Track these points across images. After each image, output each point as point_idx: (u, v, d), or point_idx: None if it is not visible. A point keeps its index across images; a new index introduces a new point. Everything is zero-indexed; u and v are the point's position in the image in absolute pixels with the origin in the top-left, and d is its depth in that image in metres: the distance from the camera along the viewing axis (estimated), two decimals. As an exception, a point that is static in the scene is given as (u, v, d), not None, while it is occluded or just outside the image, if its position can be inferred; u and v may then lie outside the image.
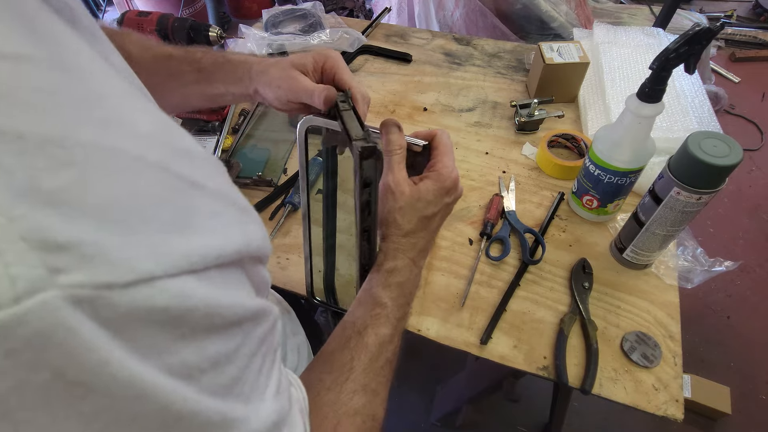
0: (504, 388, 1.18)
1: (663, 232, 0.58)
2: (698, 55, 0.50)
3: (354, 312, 0.41)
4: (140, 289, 0.15)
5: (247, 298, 0.21)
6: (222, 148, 0.84)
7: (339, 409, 0.34)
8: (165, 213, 0.17)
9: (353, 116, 0.40)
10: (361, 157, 0.35)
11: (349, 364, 0.37)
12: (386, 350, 0.39)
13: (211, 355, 0.18)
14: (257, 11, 2.31)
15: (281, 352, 0.48)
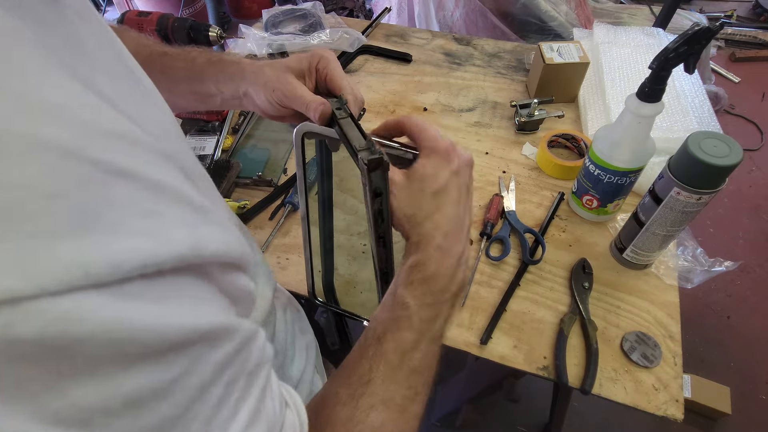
0: (504, 388, 1.18)
1: (663, 232, 0.58)
2: (698, 54, 0.50)
3: (377, 316, 0.37)
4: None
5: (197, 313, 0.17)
6: (222, 148, 0.84)
7: (354, 427, 0.31)
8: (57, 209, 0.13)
9: (352, 124, 0.39)
10: (369, 169, 0.34)
11: (366, 376, 0.33)
12: (410, 358, 0.34)
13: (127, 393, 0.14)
14: (257, 11, 2.32)
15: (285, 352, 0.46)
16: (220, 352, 0.18)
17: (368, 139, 0.36)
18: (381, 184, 0.36)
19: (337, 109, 0.41)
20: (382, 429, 0.31)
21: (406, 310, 0.35)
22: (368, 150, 0.35)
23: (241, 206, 0.73)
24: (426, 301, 0.35)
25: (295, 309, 0.55)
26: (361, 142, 0.36)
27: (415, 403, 0.34)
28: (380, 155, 0.34)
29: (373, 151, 0.35)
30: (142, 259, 0.15)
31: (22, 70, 0.14)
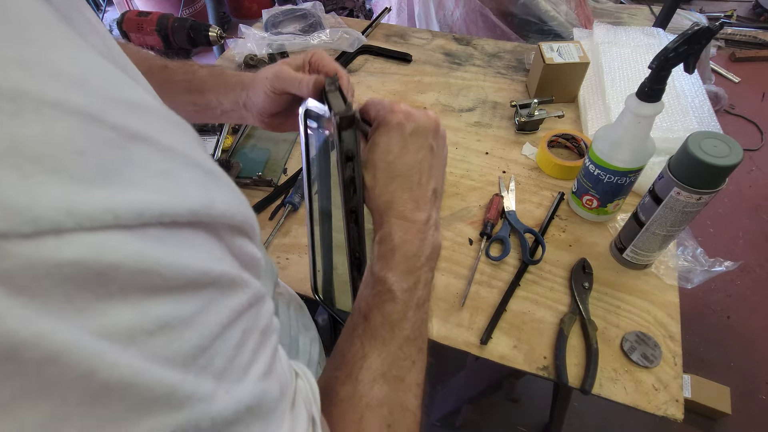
0: (504, 388, 1.18)
1: (663, 232, 0.58)
2: (697, 54, 0.50)
3: (359, 296, 0.37)
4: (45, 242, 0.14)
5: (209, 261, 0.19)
6: (222, 148, 0.84)
7: (358, 402, 0.31)
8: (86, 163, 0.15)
9: (338, 95, 0.39)
10: (340, 127, 0.34)
11: (360, 353, 0.33)
12: (400, 328, 0.34)
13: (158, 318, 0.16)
14: (257, 11, 2.31)
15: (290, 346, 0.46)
16: (233, 300, 0.20)
17: (348, 104, 0.36)
18: (352, 146, 0.35)
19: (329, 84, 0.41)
20: (387, 401, 0.32)
21: (384, 283, 0.35)
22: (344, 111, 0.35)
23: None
24: (401, 269, 0.35)
25: (298, 306, 0.55)
26: (340, 107, 0.36)
27: (413, 371, 0.34)
28: (353, 113, 0.34)
29: (348, 110, 0.34)
30: (160, 209, 0.17)
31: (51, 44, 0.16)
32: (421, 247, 0.36)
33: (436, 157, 0.39)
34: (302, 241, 0.71)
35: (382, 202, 0.37)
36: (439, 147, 0.39)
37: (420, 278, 0.36)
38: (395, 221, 0.36)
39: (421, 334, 0.36)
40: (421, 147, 0.38)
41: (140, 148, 0.17)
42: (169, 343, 0.17)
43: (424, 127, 0.38)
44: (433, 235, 0.37)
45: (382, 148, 0.37)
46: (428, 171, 0.38)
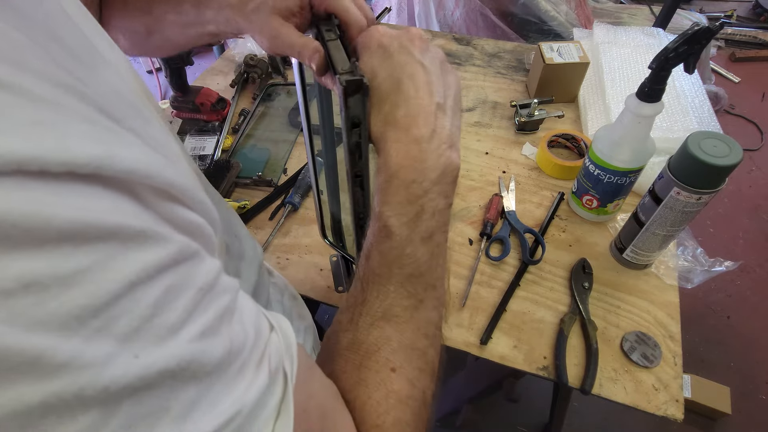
0: (504, 388, 1.18)
1: (663, 232, 0.58)
2: (698, 54, 0.50)
3: (367, 235, 0.34)
4: None
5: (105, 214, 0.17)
6: (222, 148, 0.84)
7: (358, 349, 0.30)
8: None
9: (340, 47, 0.35)
10: (346, 93, 0.31)
11: (360, 296, 0.31)
12: (400, 265, 0.31)
13: (18, 276, 0.15)
14: (257, 11, 2.31)
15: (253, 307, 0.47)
16: (146, 255, 0.18)
17: (352, 62, 0.33)
18: (359, 113, 0.32)
19: (327, 30, 0.37)
20: (388, 343, 0.30)
21: (381, 219, 0.32)
22: (350, 73, 0.32)
23: (241, 206, 0.73)
24: (399, 201, 0.31)
25: (291, 296, 0.55)
26: (344, 64, 0.33)
27: (421, 309, 0.32)
28: (361, 77, 0.31)
29: (355, 74, 0.31)
30: (18, 158, 0.15)
31: None
32: (423, 171, 0.32)
33: (432, 74, 0.34)
34: (302, 242, 0.71)
35: (378, 128, 0.33)
36: (432, 63, 0.35)
37: (424, 207, 0.32)
38: (391, 144, 0.32)
39: (430, 270, 0.32)
40: (408, 63, 0.33)
41: (4, 96, 0.16)
42: (37, 304, 0.15)
43: (408, 42, 0.34)
44: (442, 154, 0.32)
45: (368, 72, 0.33)
46: (425, 86, 0.33)
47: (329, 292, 0.65)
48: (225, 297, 0.23)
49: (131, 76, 0.29)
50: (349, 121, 0.32)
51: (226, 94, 0.95)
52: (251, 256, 0.44)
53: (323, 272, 0.67)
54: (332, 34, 0.36)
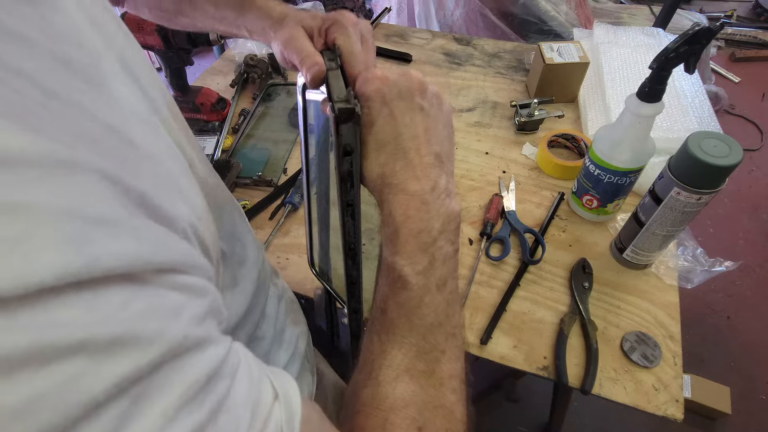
0: (504, 388, 1.18)
1: (663, 232, 0.58)
2: (698, 54, 0.50)
3: (377, 289, 0.34)
4: None
5: (75, 326, 0.16)
6: (222, 148, 0.84)
7: (380, 405, 0.28)
8: None
9: (339, 76, 0.35)
10: (338, 120, 0.31)
11: (378, 350, 0.30)
12: (420, 316, 0.30)
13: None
14: (257, 11, 2.31)
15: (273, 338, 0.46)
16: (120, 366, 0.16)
17: (349, 91, 0.33)
18: (351, 140, 0.32)
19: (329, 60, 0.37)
20: (413, 399, 0.28)
21: (395, 269, 0.31)
22: (345, 102, 0.32)
23: (241, 206, 0.73)
24: (410, 251, 0.31)
25: (290, 300, 0.55)
26: (341, 93, 0.33)
27: (443, 362, 0.30)
28: (353, 106, 0.31)
29: (349, 102, 0.31)
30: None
31: None
32: (429, 221, 0.32)
33: (431, 118, 0.34)
34: (302, 242, 0.71)
35: (376, 177, 0.33)
36: (432, 106, 0.35)
37: (435, 255, 0.32)
38: (392, 197, 0.32)
39: (448, 318, 0.32)
40: (408, 109, 0.33)
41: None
42: None
43: (407, 88, 0.34)
44: (443, 205, 0.33)
45: (365, 120, 0.33)
46: (423, 134, 0.33)
47: (329, 292, 0.65)
48: (224, 384, 0.21)
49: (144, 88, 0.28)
50: (341, 148, 0.32)
51: (226, 94, 0.95)
52: (252, 261, 0.43)
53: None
54: (333, 63, 0.37)
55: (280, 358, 0.47)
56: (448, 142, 0.36)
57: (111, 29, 0.28)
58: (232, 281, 0.39)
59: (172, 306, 0.19)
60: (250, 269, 0.42)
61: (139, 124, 0.25)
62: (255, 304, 0.42)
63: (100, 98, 0.22)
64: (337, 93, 0.33)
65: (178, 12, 0.49)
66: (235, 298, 0.38)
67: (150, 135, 0.25)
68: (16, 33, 0.19)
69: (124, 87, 0.25)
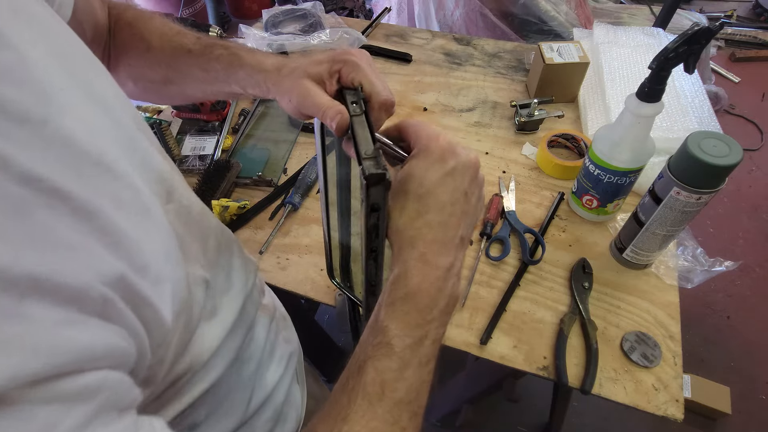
0: (504, 388, 1.18)
1: (663, 232, 0.58)
2: (697, 54, 0.50)
3: (361, 341, 0.33)
4: None
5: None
6: (222, 148, 0.84)
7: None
8: None
9: (364, 124, 0.35)
10: (368, 184, 0.31)
11: (344, 411, 0.29)
12: (393, 389, 0.30)
13: None
14: (257, 11, 2.31)
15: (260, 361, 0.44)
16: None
17: (376, 146, 0.33)
18: (380, 200, 0.33)
19: (352, 103, 0.37)
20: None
21: (385, 334, 0.31)
22: (374, 160, 0.32)
23: (241, 206, 0.73)
24: (408, 321, 0.32)
25: (282, 317, 0.54)
26: (368, 148, 0.33)
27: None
28: (384, 171, 0.31)
29: (378, 164, 0.32)
30: None
31: None
32: (437, 298, 0.32)
33: (470, 205, 0.35)
34: (302, 242, 0.71)
35: (406, 237, 0.33)
36: (473, 194, 0.36)
37: (428, 333, 0.32)
38: (414, 263, 0.32)
39: (417, 397, 0.32)
40: (457, 188, 0.34)
41: None
42: None
43: (465, 166, 0.34)
44: (452, 286, 0.34)
45: (418, 178, 0.33)
46: (459, 215, 0.34)
47: (329, 292, 0.65)
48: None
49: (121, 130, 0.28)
50: (369, 207, 0.33)
51: (226, 94, 0.95)
52: (238, 289, 0.42)
53: (323, 272, 0.67)
54: (357, 107, 0.37)
55: (268, 379, 0.46)
56: (472, 230, 0.37)
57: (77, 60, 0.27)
58: (211, 311, 0.37)
59: (44, 425, 0.18)
60: (233, 298, 0.41)
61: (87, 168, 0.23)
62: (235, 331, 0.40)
63: (33, 141, 0.21)
64: (364, 147, 0.33)
65: (165, 81, 0.48)
66: (211, 329, 0.37)
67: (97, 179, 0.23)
68: None
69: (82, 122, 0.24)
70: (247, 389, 0.43)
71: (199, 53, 0.46)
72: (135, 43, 0.47)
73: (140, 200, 0.26)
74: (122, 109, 0.29)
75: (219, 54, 0.46)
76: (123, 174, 0.25)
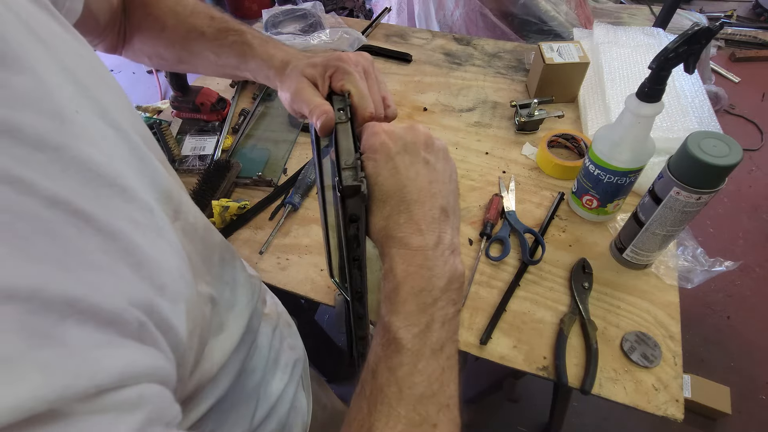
0: (504, 388, 1.18)
1: (663, 232, 0.58)
2: (697, 54, 0.50)
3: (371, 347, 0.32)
4: None
5: None
6: (222, 148, 0.84)
7: None
8: None
9: (348, 132, 0.35)
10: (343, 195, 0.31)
11: (367, 422, 0.28)
12: (411, 385, 0.29)
13: None
14: (257, 11, 2.31)
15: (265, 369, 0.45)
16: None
17: (356, 156, 0.33)
18: (357, 211, 0.32)
19: (339, 109, 0.37)
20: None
21: (390, 331, 0.30)
22: (352, 170, 0.31)
23: (241, 206, 0.73)
24: (408, 310, 0.30)
25: (286, 324, 0.54)
26: (349, 158, 0.33)
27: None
28: (359, 183, 0.31)
29: (356, 175, 0.31)
30: None
31: None
32: (431, 279, 0.31)
33: (436, 171, 0.34)
34: (302, 242, 0.71)
35: (380, 230, 0.33)
36: (438, 160, 0.35)
37: (434, 317, 0.30)
38: (396, 251, 0.31)
39: (442, 387, 0.30)
40: (413, 163, 0.33)
41: None
42: None
43: (413, 142, 0.34)
44: (447, 262, 0.32)
45: (370, 172, 0.33)
46: (427, 187, 0.33)
47: (329, 292, 0.65)
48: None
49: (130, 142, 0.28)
50: (347, 217, 0.32)
51: (226, 94, 0.95)
52: (243, 305, 0.41)
53: (323, 272, 0.67)
54: (343, 114, 0.37)
55: (273, 389, 0.46)
56: (453, 196, 0.35)
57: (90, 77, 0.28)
58: (218, 327, 0.37)
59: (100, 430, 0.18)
60: (239, 314, 0.41)
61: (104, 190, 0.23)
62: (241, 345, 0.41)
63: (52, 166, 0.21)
64: (344, 157, 0.33)
65: (177, 61, 0.50)
66: (219, 344, 0.37)
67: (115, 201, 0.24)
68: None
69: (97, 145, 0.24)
70: (252, 400, 0.43)
71: (213, 37, 0.48)
72: (149, 23, 0.48)
73: (154, 220, 0.27)
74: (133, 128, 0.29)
75: (233, 41, 0.48)
76: (137, 195, 0.26)
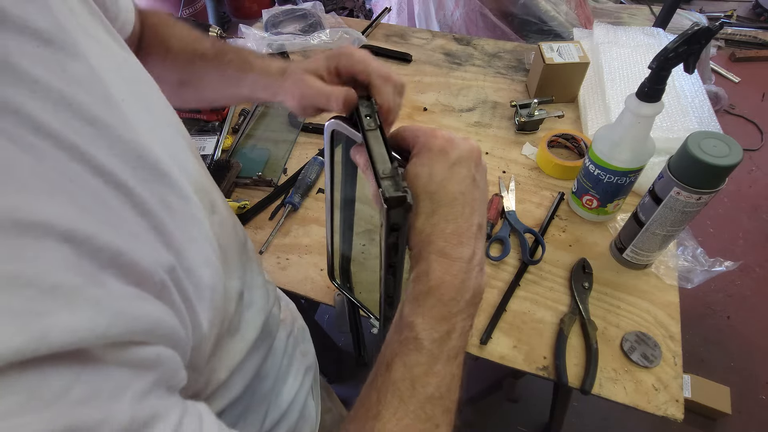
0: (504, 388, 1.18)
1: (663, 232, 0.58)
2: (697, 54, 0.50)
3: (387, 340, 0.33)
4: None
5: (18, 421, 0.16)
6: (222, 148, 0.84)
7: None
8: None
9: (380, 139, 0.34)
10: (389, 207, 0.31)
11: (374, 409, 0.29)
12: (424, 384, 0.30)
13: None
14: (257, 11, 2.31)
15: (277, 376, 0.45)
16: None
17: (394, 165, 0.32)
18: (400, 221, 0.32)
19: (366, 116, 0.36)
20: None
21: (412, 329, 0.31)
22: (392, 180, 0.31)
23: (241, 206, 0.73)
24: (434, 315, 0.31)
25: (301, 328, 0.54)
26: (386, 166, 0.32)
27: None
28: (404, 193, 0.31)
29: (397, 185, 0.31)
30: None
31: None
32: (461, 290, 0.32)
33: (479, 190, 0.35)
34: (302, 242, 0.71)
35: (423, 236, 0.33)
36: (481, 179, 0.36)
37: (455, 326, 0.32)
38: (435, 257, 0.32)
39: (449, 392, 0.31)
40: (465, 177, 0.34)
41: None
42: None
43: (468, 155, 0.34)
44: (476, 277, 0.34)
45: (424, 177, 0.33)
46: (471, 203, 0.34)
47: (329, 292, 0.65)
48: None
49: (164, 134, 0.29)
50: (389, 227, 0.33)
51: (226, 94, 0.95)
52: (260, 306, 0.42)
53: (323, 272, 0.67)
54: (372, 121, 0.36)
55: (284, 396, 0.46)
56: (485, 215, 0.37)
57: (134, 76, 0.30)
58: (235, 327, 0.37)
59: (117, 386, 0.19)
60: (255, 315, 0.41)
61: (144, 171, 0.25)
62: (256, 349, 0.41)
63: (101, 140, 0.23)
64: (381, 165, 0.33)
65: (181, 83, 0.50)
66: (234, 345, 0.37)
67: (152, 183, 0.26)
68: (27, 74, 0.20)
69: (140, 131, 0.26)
70: (263, 407, 0.43)
71: (213, 57, 0.49)
72: (156, 47, 0.49)
73: (188, 208, 0.28)
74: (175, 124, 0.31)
75: (231, 59, 0.48)
76: (175, 182, 0.27)
